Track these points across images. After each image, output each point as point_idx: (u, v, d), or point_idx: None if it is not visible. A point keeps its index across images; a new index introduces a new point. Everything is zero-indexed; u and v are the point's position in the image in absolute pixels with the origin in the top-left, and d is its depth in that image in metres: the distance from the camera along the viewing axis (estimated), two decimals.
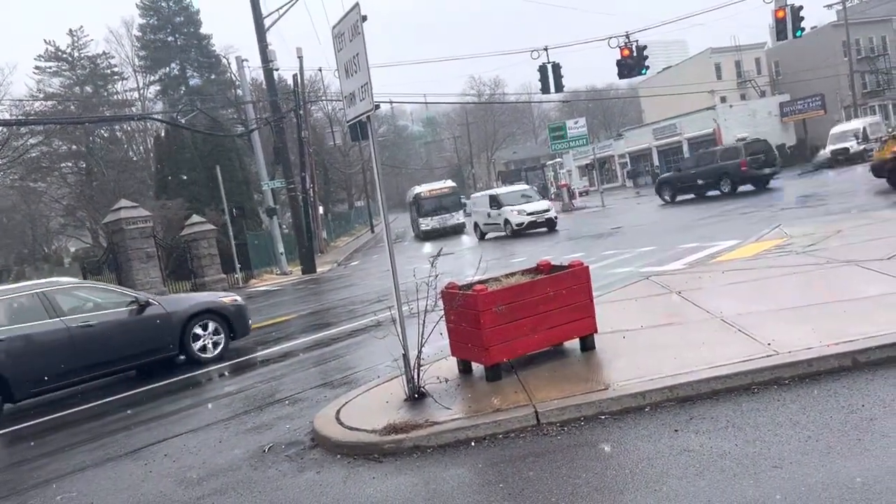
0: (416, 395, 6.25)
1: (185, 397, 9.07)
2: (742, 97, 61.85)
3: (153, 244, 23.02)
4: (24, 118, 35.70)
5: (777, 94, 59.14)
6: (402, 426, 5.56)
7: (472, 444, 5.28)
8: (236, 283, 27.43)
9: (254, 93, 37.96)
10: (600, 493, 4.16)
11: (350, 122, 6.93)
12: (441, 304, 6.65)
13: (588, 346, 6.87)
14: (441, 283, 6.73)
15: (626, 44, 26.07)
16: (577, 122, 41.45)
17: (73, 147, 45.16)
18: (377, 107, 6.39)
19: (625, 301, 9.13)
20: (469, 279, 7.07)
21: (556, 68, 26.50)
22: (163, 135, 37.58)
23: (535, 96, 68.55)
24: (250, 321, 12.38)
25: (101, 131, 49.96)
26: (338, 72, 6.80)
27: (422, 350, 6.35)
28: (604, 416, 5.32)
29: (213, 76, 59.37)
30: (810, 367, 5.42)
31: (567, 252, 18.30)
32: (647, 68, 27.15)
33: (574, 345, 6.94)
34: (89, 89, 53.84)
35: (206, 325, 11.29)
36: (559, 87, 27.08)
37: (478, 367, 6.72)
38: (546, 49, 26.53)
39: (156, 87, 61.29)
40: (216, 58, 59.48)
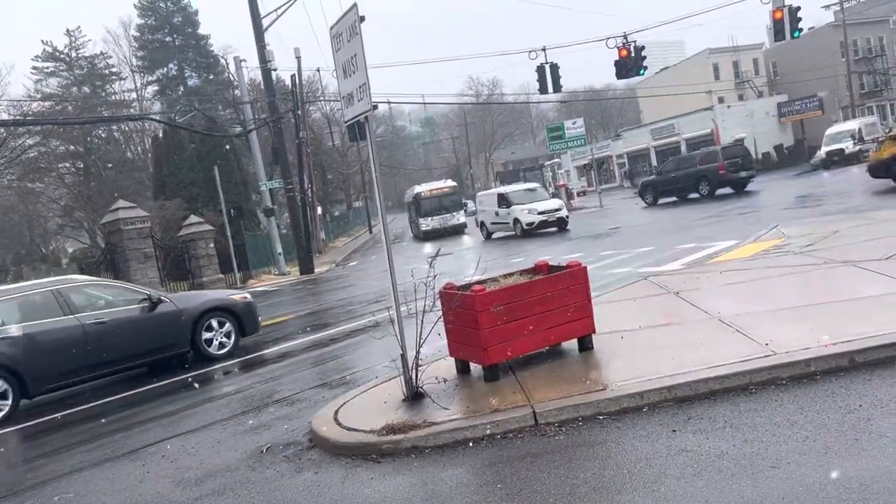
0: (415, 396, 6.25)
1: (183, 398, 9.06)
2: (740, 98, 61.93)
3: (151, 244, 22.97)
4: (22, 118, 35.62)
5: (775, 95, 59.22)
6: (401, 427, 5.56)
7: (471, 444, 5.28)
8: (234, 283, 27.38)
9: (252, 93, 37.93)
10: (598, 493, 4.16)
11: (348, 122, 6.94)
12: (439, 305, 6.66)
13: (586, 346, 6.88)
14: (439, 283, 6.74)
15: (624, 44, 26.09)
16: (575, 123, 41.45)
17: (71, 147, 45.08)
18: (375, 107, 6.38)
19: (623, 301, 9.13)
20: (467, 279, 7.06)
21: (555, 69, 26.50)
22: (161, 135, 37.51)
23: (533, 97, 68.57)
24: (260, 318, 12.49)
25: (99, 132, 49.90)
26: (336, 72, 6.81)
27: (420, 350, 6.35)
28: (602, 417, 5.32)
29: (211, 76, 59.26)
30: (808, 368, 5.43)
31: (565, 252, 18.31)
32: (645, 69, 27.15)
33: (572, 345, 6.95)
34: (87, 89, 53.70)
35: (217, 322, 11.40)
36: (557, 87, 27.08)
37: (476, 368, 6.72)
38: (544, 49, 26.53)
39: (154, 88, 61.22)
40: (214, 58, 59.39)
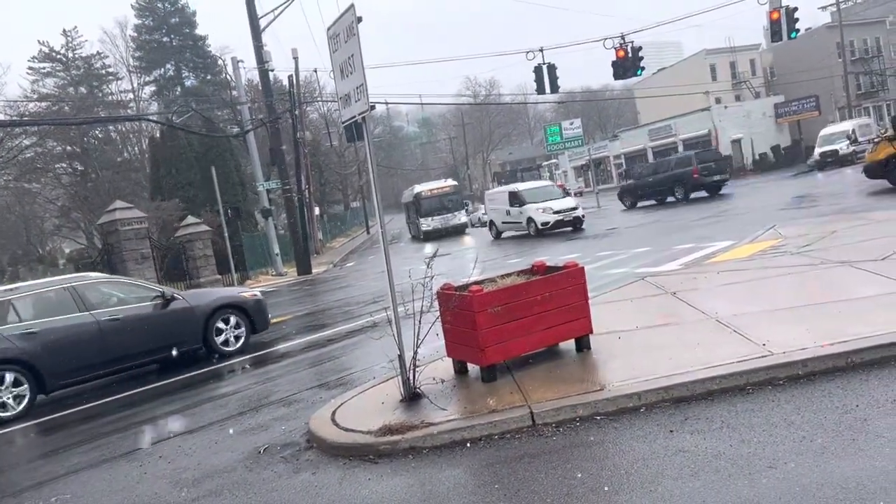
0: (412, 397, 6.25)
1: (181, 398, 9.05)
2: (737, 98, 62.04)
3: (148, 245, 22.96)
4: (19, 119, 35.54)
5: (772, 96, 59.33)
6: (398, 427, 5.56)
7: (468, 444, 5.28)
8: (231, 284, 27.27)
9: (249, 93, 37.93)
10: (595, 493, 4.16)
11: (346, 122, 6.93)
12: (437, 306, 6.66)
13: (583, 346, 6.88)
14: (437, 283, 6.74)
15: (621, 45, 26.12)
16: (572, 123, 41.47)
17: (68, 148, 45.00)
18: (373, 107, 6.38)
19: (620, 302, 9.14)
20: (465, 280, 7.07)
21: (552, 69, 26.50)
22: (158, 136, 37.45)
23: (530, 97, 68.73)
24: (269, 316, 12.61)
25: (96, 132, 49.84)
26: (333, 73, 6.80)
27: (417, 351, 6.35)
28: (599, 417, 5.33)
29: (208, 77, 59.20)
30: (805, 368, 5.44)
31: (562, 252, 18.32)
32: (643, 69, 27.19)
33: (569, 345, 6.95)
34: (84, 90, 53.63)
35: (228, 319, 11.53)
36: (554, 88, 27.10)
37: (473, 368, 6.72)
38: (542, 50, 26.55)
39: (151, 88, 61.16)
40: (212, 59, 59.38)
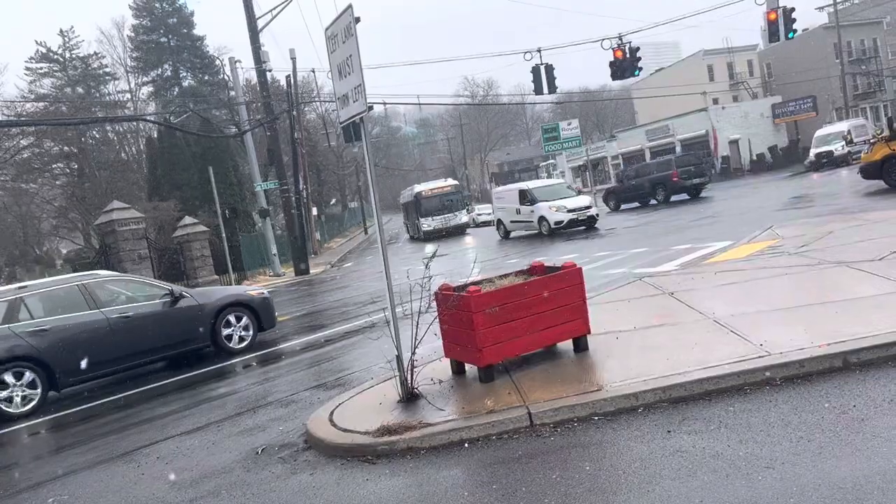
0: (410, 397, 6.25)
1: (179, 398, 9.03)
2: (734, 99, 62.11)
3: (145, 245, 22.92)
4: (16, 119, 35.48)
5: (769, 96, 59.42)
6: (396, 428, 5.56)
7: (466, 445, 5.28)
8: (229, 284, 27.30)
9: (247, 94, 37.89)
10: (593, 493, 4.16)
11: (343, 123, 6.92)
12: (435, 306, 6.66)
13: (581, 347, 6.88)
14: (436, 284, 6.74)
15: (619, 45, 26.15)
16: (570, 124, 41.43)
17: (65, 148, 44.89)
18: (370, 108, 6.38)
19: (618, 302, 9.15)
20: (463, 280, 7.07)
21: (549, 70, 26.52)
22: (155, 136, 37.40)
23: (528, 97, 68.68)
24: (276, 314, 12.73)
25: (94, 132, 49.70)
26: (331, 73, 6.80)
27: (415, 351, 6.35)
28: (597, 417, 5.33)
29: (206, 77, 59.11)
30: (802, 368, 5.45)
31: (560, 253, 18.33)
32: (640, 70, 27.20)
33: (567, 346, 6.95)
34: (81, 90, 53.56)
35: (236, 316, 11.66)
36: (552, 88, 27.11)
37: (471, 369, 6.72)
38: (539, 51, 26.56)
39: (148, 89, 61.03)
40: (209, 59, 59.29)
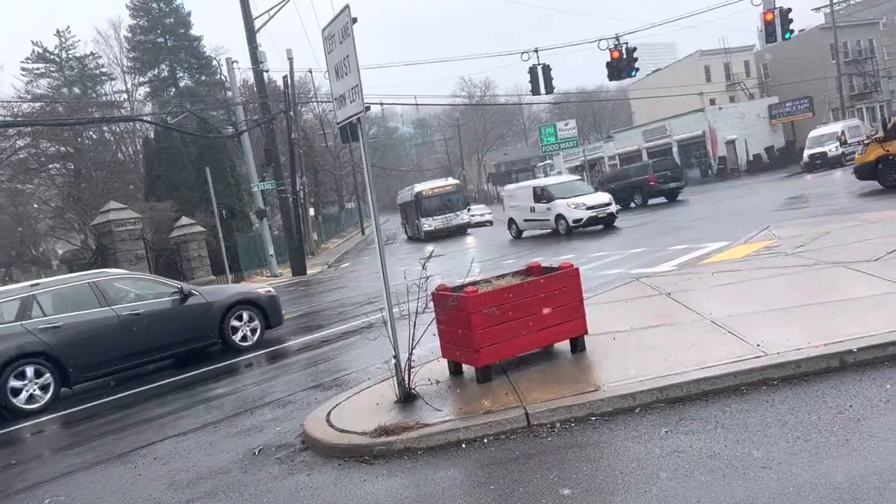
0: (407, 397, 6.25)
1: (176, 399, 9.02)
2: (731, 99, 62.20)
3: (142, 246, 22.87)
4: (12, 119, 35.39)
5: (766, 97, 59.51)
6: (393, 428, 5.55)
7: (463, 445, 5.28)
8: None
9: (244, 94, 37.83)
10: (590, 494, 4.17)
11: (340, 123, 6.92)
12: (432, 306, 6.65)
13: (578, 347, 6.88)
14: (433, 284, 6.73)
15: (615, 46, 26.15)
16: (567, 124, 41.58)
17: (62, 148, 44.78)
18: (368, 109, 6.38)
19: (615, 302, 9.15)
20: (461, 281, 7.07)
21: (547, 70, 26.53)
22: (152, 136, 37.34)
23: (525, 98, 68.72)
24: (283, 312, 12.90)
25: (90, 133, 49.59)
26: (328, 74, 6.80)
27: (412, 352, 6.35)
28: (594, 418, 5.33)
29: (203, 77, 59.04)
30: (799, 368, 5.46)
31: (557, 253, 18.34)
32: (637, 70, 27.21)
33: (565, 346, 6.96)
34: (77, 90, 53.44)
35: (244, 314, 11.81)
36: (549, 88, 27.12)
37: (469, 369, 6.72)
38: (536, 51, 26.55)
39: (145, 89, 60.94)
40: (206, 59, 59.18)
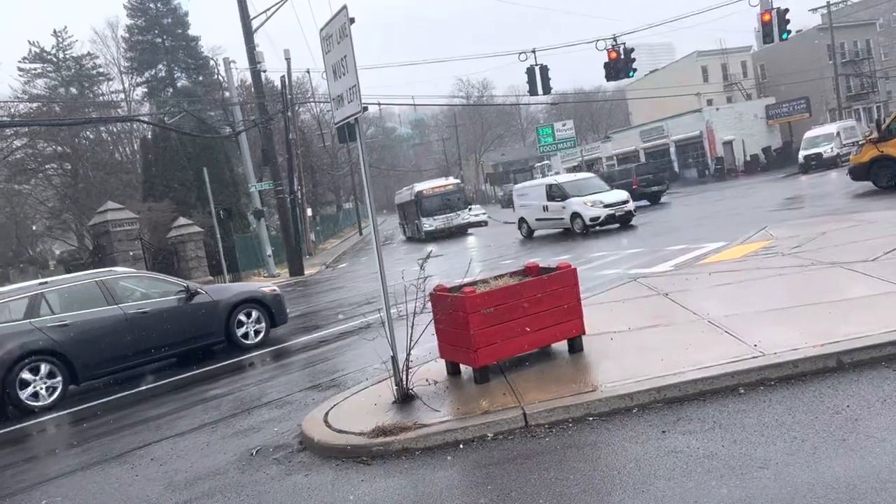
0: (405, 398, 6.25)
1: (173, 400, 9.01)
2: (728, 100, 62.30)
3: (139, 246, 22.84)
4: (9, 120, 35.32)
5: (763, 97, 59.60)
6: (391, 428, 5.55)
7: (461, 445, 5.28)
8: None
9: (241, 94, 37.77)
10: (588, 494, 4.17)
11: (338, 124, 6.92)
12: (430, 307, 6.65)
13: (576, 347, 6.89)
14: (431, 284, 6.74)
15: (613, 46, 26.14)
16: (564, 125, 41.61)
17: (59, 149, 44.71)
18: (365, 109, 6.39)
19: (613, 303, 9.16)
20: (459, 281, 7.07)
21: (544, 70, 26.50)
22: (149, 136, 37.28)
23: (523, 98, 68.64)
24: (288, 310, 12.92)
25: (87, 133, 49.50)
26: (326, 74, 6.80)
27: (410, 352, 6.35)
28: (592, 418, 5.34)
29: (200, 77, 58.92)
30: (796, 368, 5.46)
31: (555, 254, 18.35)
32: (635, 71, 27.20)
33: (562, 347, 6.96)
34: (74, 90, 53.33)
35: (250, 313, 11.88)
36: (547, 89, 27.08)
37: (466, 370, 6.72)
38: (534, 51, 26.54)
39: (142, 89, 60.85)
40: (204, 59, 59.06)
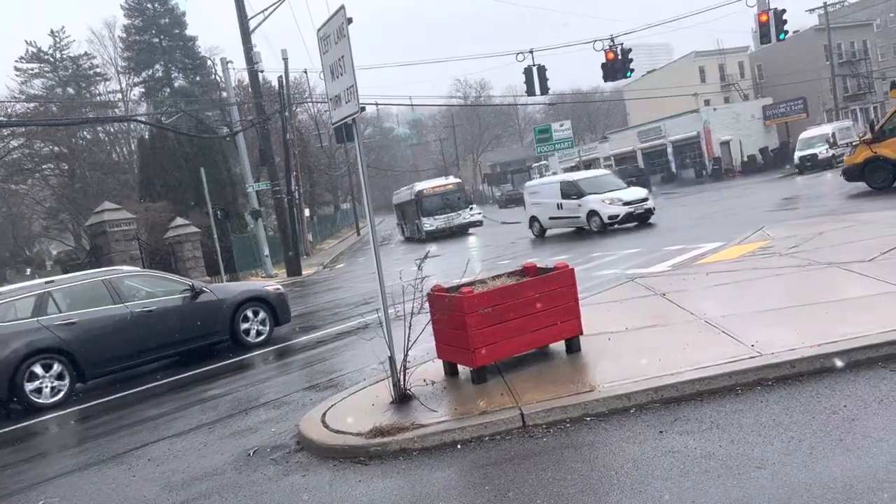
0: (402, 398, 6.24)
1: (170, 400, 9.00)
2: (726, 100, 62.39)
3: (137, 247, 22.78)
4: (6, 120, 35.25)
5: (760, 98, 59.69)
6: (388, 429, 5.55)
7: (459, 446, 5.28)
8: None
9: (239, 94, 37.74)
10: (586, 494, 4.17)
11: (336, 124, 6.91)
12: (428, 307, 6.65)
13: (574, 348, 6.89)
14: (429, 285, 6.74)
15: (610, 47, 26.18)
16: (562, 125, 41.50)
17: (56, 149, 44.63)
18: (363, 109, 6.38)
19: (610, 303, 9.17)
20: (456, 281, 7.07)
21: (542, 71, 26.52)
22: (147, 137, 37.22)
23: (520, 98, 68.60)
24: (291, 309, 13.00)
25: (84, 133, 49.45)
26: (323, 74, 6.79)
27: (408, 353, 6.35)
28: (589, 418, 5.34)
29: (198, 78, 58.83)
30: (793, 369, 5.47)
31: (554, 254, 18.36)
32: (632, 71, 27.26)
33: (560, 347, 6.96)
34: (71, 91, 53.27)
35: (256, 311, 11.96)
36: (544, 89, 27.11)
37: (464, 370, 6.72)
38: (532, 52, 26.57)
39: (140, 89, 60.76)
40: (201, 59, 58.96)
